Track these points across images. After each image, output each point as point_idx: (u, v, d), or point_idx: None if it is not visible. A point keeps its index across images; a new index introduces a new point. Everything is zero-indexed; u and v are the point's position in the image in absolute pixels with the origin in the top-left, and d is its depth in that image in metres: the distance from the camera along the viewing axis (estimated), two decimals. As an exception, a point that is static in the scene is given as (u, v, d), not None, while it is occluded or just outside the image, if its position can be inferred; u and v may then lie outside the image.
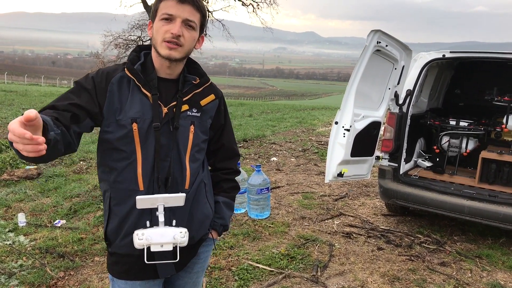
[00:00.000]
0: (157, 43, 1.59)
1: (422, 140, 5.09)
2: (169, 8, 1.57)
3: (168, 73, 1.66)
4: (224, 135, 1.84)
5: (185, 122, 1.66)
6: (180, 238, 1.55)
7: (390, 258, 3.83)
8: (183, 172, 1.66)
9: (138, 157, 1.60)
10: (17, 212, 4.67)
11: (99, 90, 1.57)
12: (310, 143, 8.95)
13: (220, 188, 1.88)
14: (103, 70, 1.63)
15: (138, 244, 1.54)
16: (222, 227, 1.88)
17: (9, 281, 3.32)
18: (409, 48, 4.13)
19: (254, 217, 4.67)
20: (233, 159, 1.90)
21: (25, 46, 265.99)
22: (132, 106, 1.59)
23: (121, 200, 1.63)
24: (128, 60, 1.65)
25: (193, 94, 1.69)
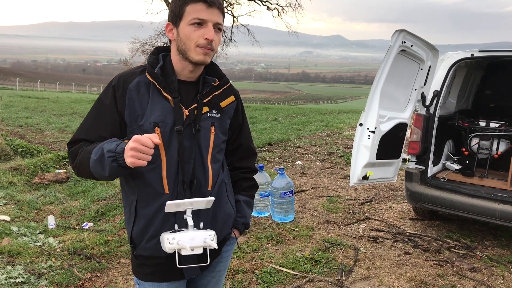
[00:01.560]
0: (189, 48, 1.58)
1: (450, 142, 4.96)
2: (199, 13, 1.55)
3: (189, 76, 1.66)
4: (242, 134, 1.86)
5: (206, 124, 1.67)
6: (210, 241, 1.56)
7: (418, 263, 3.73)
8: (205, 173, 1.68)
9: (163, 160, 1.61)
10: (47, 214, 4.80)
11: (119, 99, 1.60)
12: (336, 147, 8.86)
13: (239, 187, 1.89)
14: (120, 76, 1.65)
15: (169, 248, 1.54)
16: (244, 226, 1.90)
17: (39, 281, 3.40)
18: (435, 48, 4.04)
19: (278, 220, 4.64)
20: (251, 158, 1.92)
21: (57, 55, 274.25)
22: (153, 110, 1.60)
23: (147, 202, 1.64)
24: (148, 64, 1.64)
25: (213, 96, 1.69)
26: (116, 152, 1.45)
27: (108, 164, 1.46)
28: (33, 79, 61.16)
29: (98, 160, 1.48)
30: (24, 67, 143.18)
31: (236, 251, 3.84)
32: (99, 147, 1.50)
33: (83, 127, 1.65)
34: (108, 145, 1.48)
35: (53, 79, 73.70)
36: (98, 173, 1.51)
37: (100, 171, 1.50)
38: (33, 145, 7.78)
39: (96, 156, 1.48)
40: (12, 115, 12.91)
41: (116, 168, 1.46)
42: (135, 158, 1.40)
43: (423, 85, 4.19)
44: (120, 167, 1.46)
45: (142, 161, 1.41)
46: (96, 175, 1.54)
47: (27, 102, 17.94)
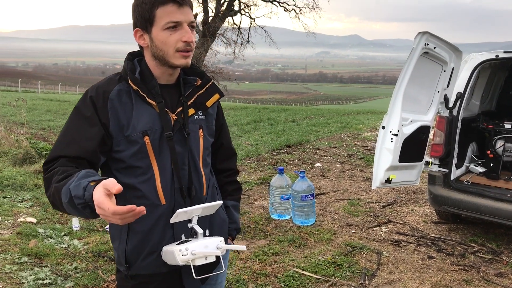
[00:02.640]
0: (168, 54, 1.49)
1: (474, 144, 4.88)
2: (172, 15, 1.45)
3: (169, 79, 1.58)
4: (222, 134, 1.80)
5: (194, 127, 1.60)
6: (223, 245, 1.49)
7: (442, 267, 3.68)
8: (199, 178, 1.61)
9: (155, 170, 1.52)
10: (71, 216, 4.88)
11: (100, 111, 1.47)
12: (356, 148, 8.80)
13: (225, 192, 1.83)
14: (98, 87, 1.52)
15: (182, 260, 1.43)
16: (235, 231, 1.85)
17: (65, 282, 3.47)
18: (459, 49, 3.98)
19: (299, 223, 4.64)
20: (232, 158, 1.88)
21: (77, 58, 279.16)
22: (140, 118, 1.50)
23: (142, 217, 1.40)
24: (128, 70, 1.53)
25: (197, 96, 1.62)
26: (85, 199, 1.25)
27: (79, 211, 1.29)
28: (54, 82, 62.40)
29: (70, 204, 1.29)
30: (46, 70, 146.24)
31: (259, 254, 3.85)
32: (66, 188, 1.30)
33: (61, 142, 1.48)
34: (74, 189, 1.27)
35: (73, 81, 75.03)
36: (75, 214, 1.35)
37: (76, 213, 1.33)
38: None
39: (66, 199, 1.29)
40: (35, 118, 13.17)
41: (91, 213, 1.26)
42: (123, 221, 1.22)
43: (446, 87, 4.14)
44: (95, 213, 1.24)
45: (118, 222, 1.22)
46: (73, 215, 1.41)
47: (49, 105, 18.30)
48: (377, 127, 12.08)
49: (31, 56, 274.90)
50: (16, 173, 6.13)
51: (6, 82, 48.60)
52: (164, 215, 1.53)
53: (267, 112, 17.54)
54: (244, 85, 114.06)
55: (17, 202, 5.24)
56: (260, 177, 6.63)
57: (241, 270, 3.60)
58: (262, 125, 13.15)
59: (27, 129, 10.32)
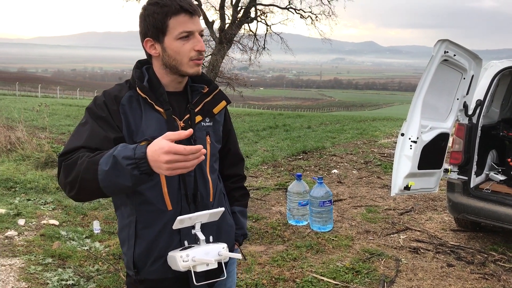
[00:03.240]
0: (182, 63, 1.53)
1: (494, 152, 4.85)
2: (185, 25, 1.50)
3: (177, 86, 1.62)
4: (230, 140, 1.82)
5: (201, 134, 1.62)
6: (225, 253, 1.51)
7: (462, 275, 3.67)
8: (206, 185, 1.63)
9: (162, 176, 1.53)
10: (92, 219, 4.98)
11: (114, 114, 1.51)
12: (372, 155, 8.78)
13: (232, 198, 1.85)
14: (109, 93, 1.56)
15: (183, 266, 1.46)
16: (242, 237, 1.86)
17: (88, 284, 3.55)
18: (479, 57, 3.98)
19: (316, 229, 4.65)
20: (239, 164, 1.89)
21: (94, 64, 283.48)
22: (148, 125, 1.53)
23: (149, 223, 1.57)
24: (136, 78, 1.57)
25: (204, 104, 1.64)
26: (136, 158, 1.26)
27: (126, 174, 1.28)
28: (72, 88, 63.49)
29: (113, 170, 1.28)
30: (64, 76, 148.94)
31: (277, 259, 3.88)
32: (108, 155, 1.30)
33: (79, 135, 1.48)
34: (122, 152, 1.28)
35: (91, 87, 76.21)
36: (113, 186, 1.32)
37: (116, 183, 1.31)
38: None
39: (107, 167, 1.29)
40: (56, 123, 13.43)
41: (138, 176, 1.28)
42: (172, 170, 1.25)
43: (466, 95, 4.14)
44: (143, 175, 1.28)
45: (182, 170, 1.27)
46: (107, 190, 1.34)
47: (68, 110, 18.64)
48: (393, 134, 12.02)
49: (50, 62, 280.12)
50: (39, 177, 6.28)
51: (26, 88, 49.64)
52: (171, 221, 1.52)
53: (283, 118, 17.58)
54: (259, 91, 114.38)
55: (40, 205, 5.37)
56: (277, 182, 6.67)
57: (260, 275, 3.63)
58: (278, 131, 13.19)
59: (47, 133, 10.53)
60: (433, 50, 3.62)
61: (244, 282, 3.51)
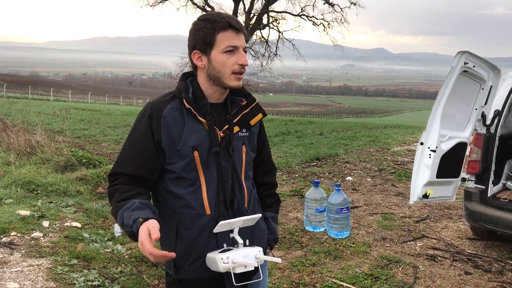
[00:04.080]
0: (225, 75, 1.65)
1: (511, 161, 4.88)
2: (231, 40, 1.62)
3: (219, 98, 1.73)
4: (264, 149, 1.92)
5: (238, 143, 1.74)
6: (262, 256, 1.61)
7: (480, 283, 3.71)
8: (242, 191, 1.74)
9: (202, 182, 1.66)
10: (113, 222, 5.09)
11: (154, 128, 1.64)
12: (386, 163, 8.82)
13: (264, 204, 1.95)
14: (153, 105, 1.69)
15: (223, 267, 1.57)
16: (274, 241, 1.96)
17: (112, 285, 3.65)
18: (497, 68, 4.04)
19: (333, 236, 4.72)
20: (272, 173, 2.00)
21: (105, 68, 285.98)
22: (191, 134, 1.64)
23: (189, 225, 1.68)
24: (182, 90, 1.68)
25: (242, 115, 1.75)
26: (133, 230, 1.51)
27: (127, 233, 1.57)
28: (83, 91, 64.22)
29: (121, 225, 1.59)
30: (75, 80, 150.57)
31: (296, 264, 3.95)
32: (121, 213, 1.57)
33: (120, 160, 1.71)
34: (127, 219, 1.53)
35: (101, 91, 77.00)
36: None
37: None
38: (94, 156, 8.25)
39: (119, 222, 1.58)
40: (70, 127, 13.62)
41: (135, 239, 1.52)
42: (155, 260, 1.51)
43: (484, 105, 4.19)
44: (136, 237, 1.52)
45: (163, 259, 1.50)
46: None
47: (81, 114, 18.90)
48: (406, 142, 12.04)
49: (62, 66, 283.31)
50: (59, 180, 6.41)
51: (38, 91, 50.30)
52: (209, 224, 1.66)
53: (294, 125, 17.66)
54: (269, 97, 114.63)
55: (62, 208, 5.50)
56: (292, 189, 6.75)
57: (280, 279, 3.71)
58: (290, 137, 13.27)
59: (63, 137, 10.72)
60: (453, 61, 3.69)
61: (266, 285, 3.58)
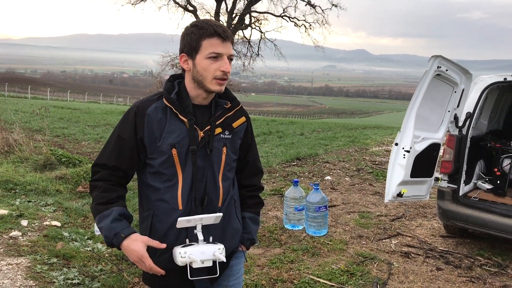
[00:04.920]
0: (206, 80, 1.73)
1: (482, 162, 5.07)
2: (216, 47, 1.70)
3: (202, 101, 1.81)
4: (249, 153, 1.99)
5: (219, 144, 1.80)
6: (219, 254, 1.69)
7: (450, 278, 3.87)
8: (217, 191, 1.81)
9: (179, 179, 1.75)
10: (93, 221, 5.09)
11: (138, 125, 1.73)
12: (364, 163, 9.00)
13: (245, 205, 2.01)
14: (139, 104, 1.78)
15: (180, 261, 1.66)
16: (250, 241, 2.01)
17: (92, 283, 3.67)
18: (469, 72, 4.21)
19: (312, 234, 4.83)
20: (257, 176, 2.06)
21: (85, 66, 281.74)
22: (171, 132, 1.73)
23: (162, 218, 1.76)
24: (165, 90, 1.78)
25: (226, 118, 1.83)
26: (112, 242, 1.68)
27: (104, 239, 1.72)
28: (62, 89, 63.19)
29: (99, 229, 1.74)
30: (54, 78, 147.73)
31: (275, 262, 4.04)
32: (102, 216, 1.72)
33: (104, 152, 1.81)
34: (107, 231, 1.69)
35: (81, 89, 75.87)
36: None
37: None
38: (74, 155, 8.19)
39: (97, 225, 1.73)
40: (49, 125, 13.45)
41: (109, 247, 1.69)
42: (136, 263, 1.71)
43: (456, 107, 4.36)
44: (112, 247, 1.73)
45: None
46: None
47: (61, 112, 18.63)
48: (384, 142, 12.27)
49: (40, 63, 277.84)
50: (38, 179, 6.36)
51: (15, 89, 49.28)
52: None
53: (276, 125, 17.78)
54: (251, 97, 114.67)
55: (41, 207, 5.47)
56: (272, 188, 6.84)
57: (259, 276, 3.79)
58: (271, 137, 13.37)
59: (42, 136, 10.58)
60: (427, 65, 3.83)
61: (244, 283, 3.66)
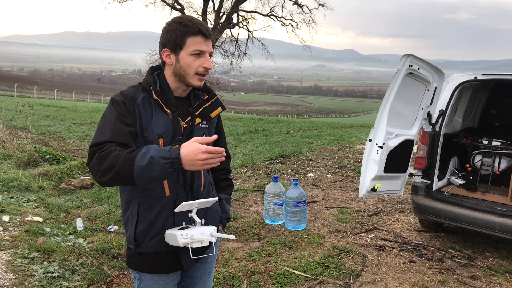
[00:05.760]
0: (189, 75, 1.83)
1: (456, 158, 5.23)
2: (199, 45, 1.81)
3: (182, 93, 1.93)
4: (220, 140, 2.10)
5: (198, 134, 1.93)
6: (215, 234, 1.84)
7: (421, 270, 4.00)
8: (199, 177, 1.95)
9: None
10: (75, 217, 5.15)
11: (130, 112, 1.81)
12: (347, 160, 9.15)
13: (219, 187, 2.17)
14: (127, 93, 1.84)
15: (182, 243, 1.78)
16: (226, 220, 2.18)
17: (73, 276, 3.74)
18: (441, 71, 4.35)
19: (290, 228, 4.94)
20: (227, 160, 2.20)
21: (73, 64, 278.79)
22: (157, 123, 1.83)
23: (149, 205, 1.87)
24: (150, 83, 1.85)
25: (203, 108, 1.96)
26: (172, 158, 1.58)
27: (161, 169, 1.59)
28: (49, 88, 62.53)
29: (149, 166, 1.58)
30: (41, 76, 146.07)
31: (253, 255, 4.15)
32: (142, 154, 1.60)
33: (105, 130, 1.75)
34: (159, 152, 1.59)
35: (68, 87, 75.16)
36: (145, 178, 1.61)
37: (149, 176, 1.61)
38: (58, 152, 8.20)
39: (143, 163, 1.58)
40: (35, 123, 13.38)
41: (171, 172, 1.61)
42: (205, 165, 1.61)
43: (429, 105, 4.50)
44: (175, 171, 1.61)
45: (211, 165, 1.63)
46: (138, 181, 1.63)
47: (47, 110, 18.52)
48: (368, 141, 12.44)
49: (27, 61, 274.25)
50: (21, 175, 6.39)
51: (1, 87, 48.69)
52: (168, 205, 1.87)
53: (263, 123, 17.88)
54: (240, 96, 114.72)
55: (23, 203, 5.51)
56: (255, 185, 6.94)
57: (237, 268, 3.89)
58: (258, 135, 13.48)
59: (26, 133, 10.56)
60: (399, 63, 3.96)
61: (222, 275, 3.76)
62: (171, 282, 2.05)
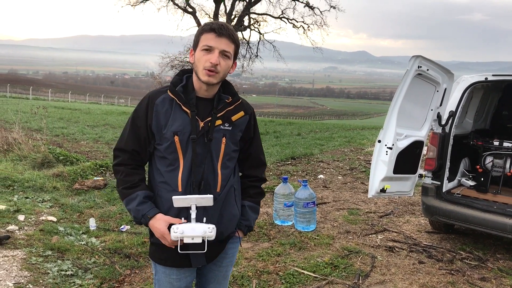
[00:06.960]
0: (199, 70, 1.92)
1: (466, 159, 5.20)
2: (209, 41, 1.90)
3: (205, 93, 1.99)
4: (252, 146, 2.15)
5: (218, 135, 1.98)
6: (208, 232, 1.86)
7: (431, 271, 4.00)
8: (215, 177, 1.99)
9: (180, 163, 1.94)
10: (88, 217, 5.24)
11: (149, 113, 1.95)
12: (358, 162, 9.13)
13: (246, 194, 2.17)
14: (150, 94, 2.02)
15: (173, 236, 1.86)
16: (247, 228, 2.16)
17: (85, 274, 3.82)
18: (451, 72, 4.34)
19: (300, 229, 4.97)
20: (259, 168, 2.21)
21: (86, 67, 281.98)
22: (175, 121, 1.93)
23: (164, 198, 1.97)
24: (171, 83, 1.99)
25: (226, 111, 2.01)
26: (140, 221, 1.97)
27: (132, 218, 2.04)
28: (64, 90, 63.37)
29: (128, 210, 2.00)
30: (56, 79, 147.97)
31: (262, 255, 4.18)
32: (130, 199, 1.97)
33: (122, 137, 2.04)
34: (135, 212, 1.96)
35: (82, 90, 76.04)
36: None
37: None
38: (72, 153, 8.34)
39: (126, 206, 2.00)
40: (49, 125, 13.61)
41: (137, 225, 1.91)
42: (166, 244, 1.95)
43: (439, 106, 4.49)
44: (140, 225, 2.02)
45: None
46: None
47: (61, 112, 18.81)
48: (380, 143, 12.39)
49: (42, 64, 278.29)
50: (36, 176, 6.51)
51: (17, 90, 49.49)
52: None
53: (274, 125, 17.93)
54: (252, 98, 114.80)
55: (38, 203, 5.62)
56: (265, 186, 6.98)
57: (246, 268, 3.93)
58: (269, 137, 13.52)
59: (41, 135, 10.74)
60: (408, 65, 3.97)
61: (231, 274, 3.80)
62: (184, 279, 2.09)
